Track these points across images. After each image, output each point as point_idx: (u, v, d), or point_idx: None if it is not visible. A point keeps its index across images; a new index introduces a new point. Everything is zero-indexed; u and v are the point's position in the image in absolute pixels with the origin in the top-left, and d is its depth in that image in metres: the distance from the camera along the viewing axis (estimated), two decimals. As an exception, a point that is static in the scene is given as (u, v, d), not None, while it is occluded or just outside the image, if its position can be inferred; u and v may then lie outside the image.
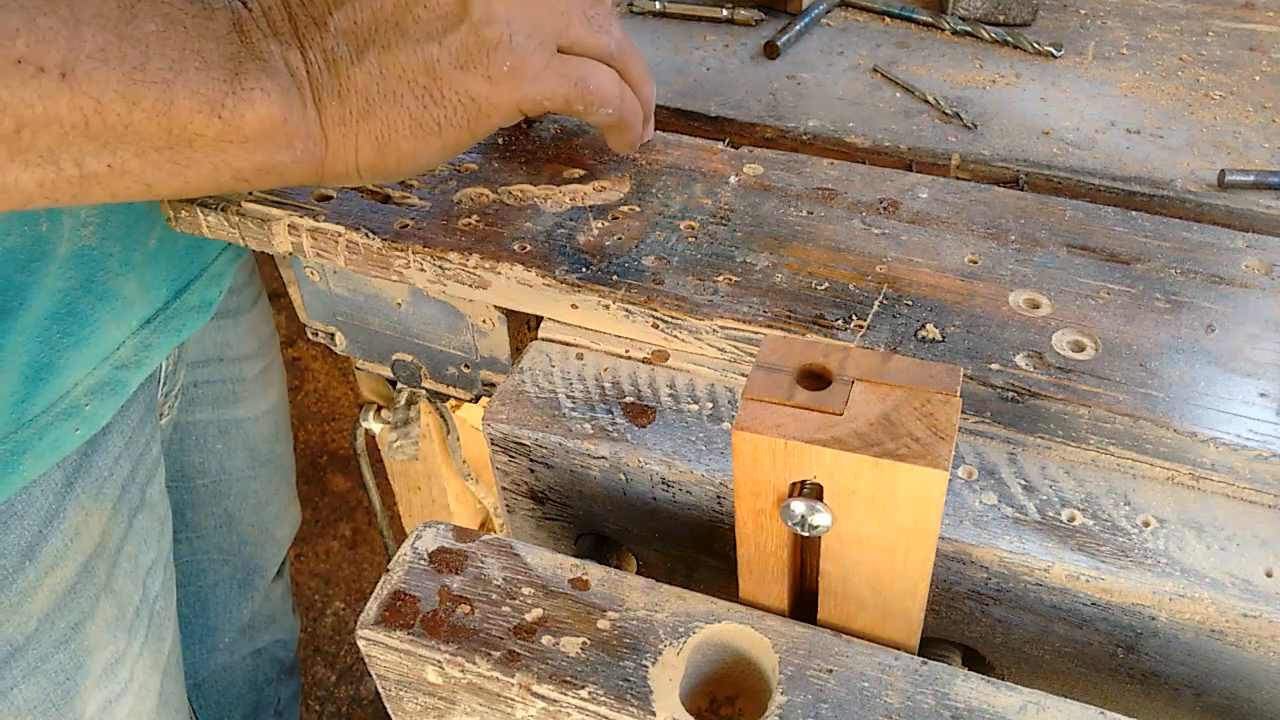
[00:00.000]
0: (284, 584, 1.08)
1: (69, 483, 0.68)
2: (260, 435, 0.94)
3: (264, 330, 0.92)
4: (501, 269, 0.61)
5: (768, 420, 0.40)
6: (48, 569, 0.67)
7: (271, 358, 0.94)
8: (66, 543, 0.68)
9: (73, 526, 0.69)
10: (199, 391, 0.86)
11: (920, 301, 0.57)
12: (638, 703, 0.42)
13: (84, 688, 0.72)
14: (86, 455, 0.70)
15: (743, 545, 0.45)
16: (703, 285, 0.59)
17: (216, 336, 0.86)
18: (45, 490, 0.67)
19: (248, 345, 0.89)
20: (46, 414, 0.65)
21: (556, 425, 0.55)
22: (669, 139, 0.71)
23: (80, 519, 0.69)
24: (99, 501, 0.71)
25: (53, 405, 0.65)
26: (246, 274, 0.88)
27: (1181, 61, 0.78)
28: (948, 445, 0.38)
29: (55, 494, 0.68)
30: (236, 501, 0.94)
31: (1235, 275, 0.58)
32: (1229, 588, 0.46)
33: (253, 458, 0.94)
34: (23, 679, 0.68)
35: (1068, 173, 0.67)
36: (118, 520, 0.73)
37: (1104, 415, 0.51)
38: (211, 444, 0.89)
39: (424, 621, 0.46)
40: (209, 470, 0.90)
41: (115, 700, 0.75)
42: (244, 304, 0.88)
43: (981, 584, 0.50)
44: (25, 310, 0.62)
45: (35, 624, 0.68)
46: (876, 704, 0.42)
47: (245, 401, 0.90)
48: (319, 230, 0.65)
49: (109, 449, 0.72)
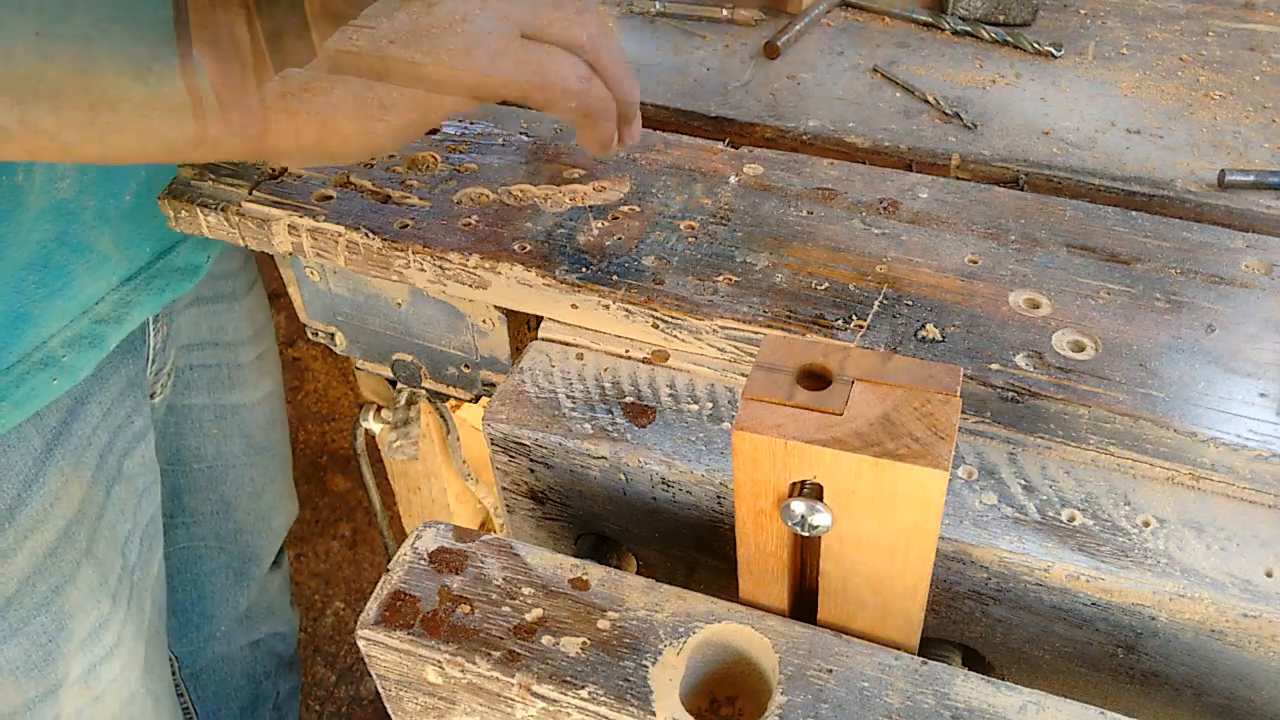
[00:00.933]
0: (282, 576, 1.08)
1: (48, 448, 0.68)
2: (256, 422, 0.94)
3: (259, 317, 0.92)
4: (501, 269, 0.61)
5: (768, 420, 0.40)
6: (27, 532, 0.68)
7: (267, 345, 0.94)
8: (46, 507, 0.69)
9: (52, 492, 0.69)
10: (194, 375, 0.86)
11: (920, 301, 0.57)
12: (638, 703, 0.42)
13: (67, 650, 0.72)
14: (65, 423, 0.70)
15: (743, 545, 0.45)
16: (703, 285, 0.59)
17: (211, 321, 0.86)
18: (24, 454, 0.67)
19: (243, 331, 0.89)
20: (23, 363, 0.65)
21: (556, 425, 0.55)
22: (669, 139, 0.71)
23: (59, 485, 0.69)
24: (78, 470, 0.71)
25: (29, 354, 0.65)
26: (240, 260, 0.88)
27: (1181, 61, 0.78)
28: (948, 445, 0.38)
29: (34, 458, 0.68)
30: (233, 488, 0.94)
31: (1235, 275, 0.58)
32: (1229, 588, 0.46)
33: (249, 444, 0.94)
34: (4, 640, 0.69)
35: (1068, 173, 0.67)
36: (96, 489, 0.73)
37: (1104, 415, 0.51)
38: (207, 429, 0.89)
39: (424, 621, 0.46)
40: (205, 455, 0.91)
41: (100, 664, 0.75)
42: (239, 289, 0.88)
43: (981, 584, 0.50)
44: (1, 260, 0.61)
45: (16, 585, 0.68)
46: (876, 704, 0.42)
47: (241, 387, 0.90)
48: (319, 230, 0.65)
49: (87, 418, 0.72)
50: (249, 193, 0.68)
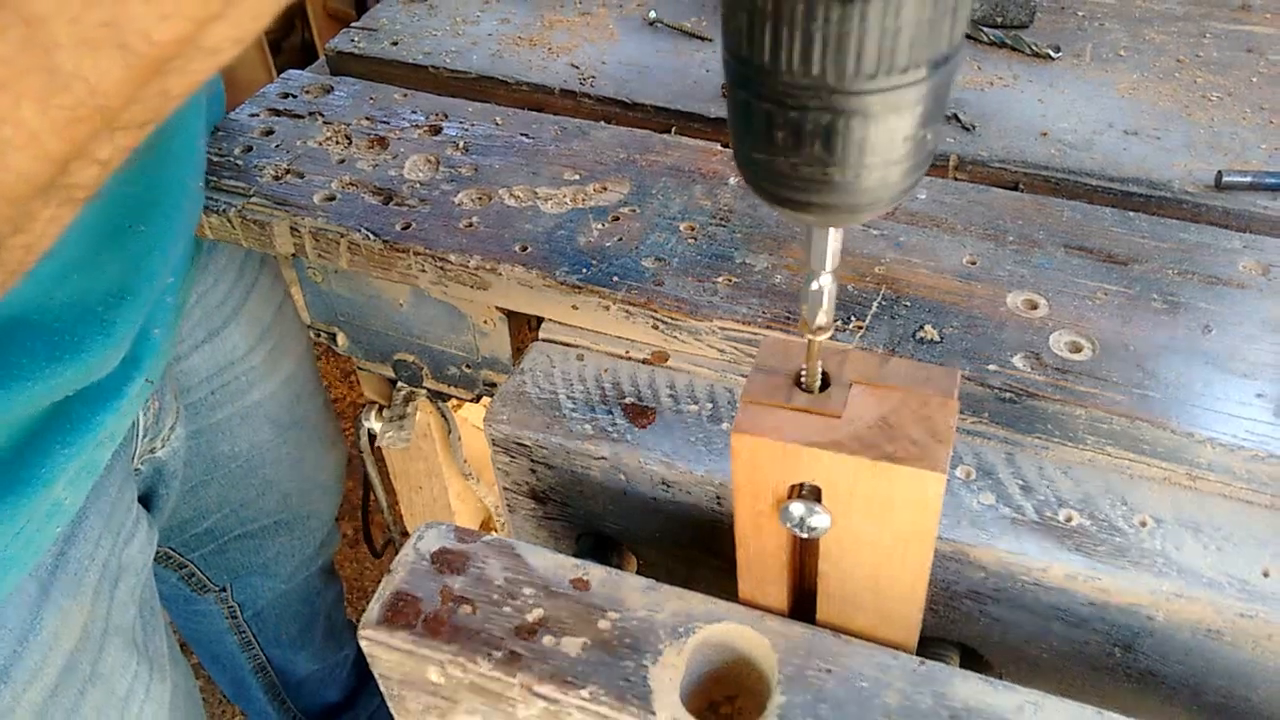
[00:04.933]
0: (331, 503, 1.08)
1: (44, 591, 0.62)
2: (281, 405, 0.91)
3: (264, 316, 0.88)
4: (502, 270, 0.61)
5: (767, 423, 0.40)
6: (25, 685, 0.61)
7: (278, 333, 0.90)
8: (44, 653, 0.62)
9: (51, 634, 0.62)
10: (215, 397, 0.85)
11: (918, 302, 0.57)
12: (638, 703, 0.43)
13: None
14: (62, 553, 0.64)
15: (742, 546, 0.46)
16: (702, 286, 0.59)
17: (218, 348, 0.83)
18: (19, 607, 0.61)
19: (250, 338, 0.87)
20: (32, 522, 0.59)
21: (557, 426, 0.56)
22: (669, 140, 0.71)
23: (58, 624, 0.63)
24: (78, 597, 0.65)
25: (38, 509, 0.59)
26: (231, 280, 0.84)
27: (1179, 63, 0.78)
28: (946, 448, 0.38)
29: (29, 607, 0.61)
30: (272, 468, 0.93)
31: (1232, 276, 0.58)
32: (1226, 587, 0.46)
33: (277, 427, 0.92)
34: None
35: (1065, 174, 0.67)
36: (99, 603, 0.67)
37: (1101, 416, 0.51)
38: (236, 431, 0.88)
39: (426, 622, 0.46)
40: (239, 454, 0.90)
41: None
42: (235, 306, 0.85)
43: (979, 584, 0.50)
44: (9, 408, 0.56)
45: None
46: (875, 704, 0.42)
47: (259, 385, 0.89)
48: (321, 231, 0.65)
49: (86, 537, 0.66)
50: (250, 195, 0.68)
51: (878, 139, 0.31)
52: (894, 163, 0.32)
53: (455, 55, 0.82)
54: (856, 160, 0.31)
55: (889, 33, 0.28)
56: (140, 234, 0.60)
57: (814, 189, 0.32)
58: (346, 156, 0.71)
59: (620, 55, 0.81)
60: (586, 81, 0.78)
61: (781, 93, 0.30)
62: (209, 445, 0.87)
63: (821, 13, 0.28)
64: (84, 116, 0.32)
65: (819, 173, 0.32)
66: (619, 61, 0.81)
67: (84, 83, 0.31)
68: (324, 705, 1.21)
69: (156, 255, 0.62)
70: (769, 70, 0.30)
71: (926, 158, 0.33)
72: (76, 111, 0.32)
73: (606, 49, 0.82)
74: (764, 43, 0.29)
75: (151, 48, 0.31)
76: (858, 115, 0.30)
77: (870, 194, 0.32)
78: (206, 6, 0.31)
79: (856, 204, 0.33)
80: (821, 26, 0.28)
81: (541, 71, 0.79)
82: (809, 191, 0.33)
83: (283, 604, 1.07)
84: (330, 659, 1.18)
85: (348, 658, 1.20)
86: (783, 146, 0.32)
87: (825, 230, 0.36)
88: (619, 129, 0.73)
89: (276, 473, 0.95)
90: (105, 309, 0.59)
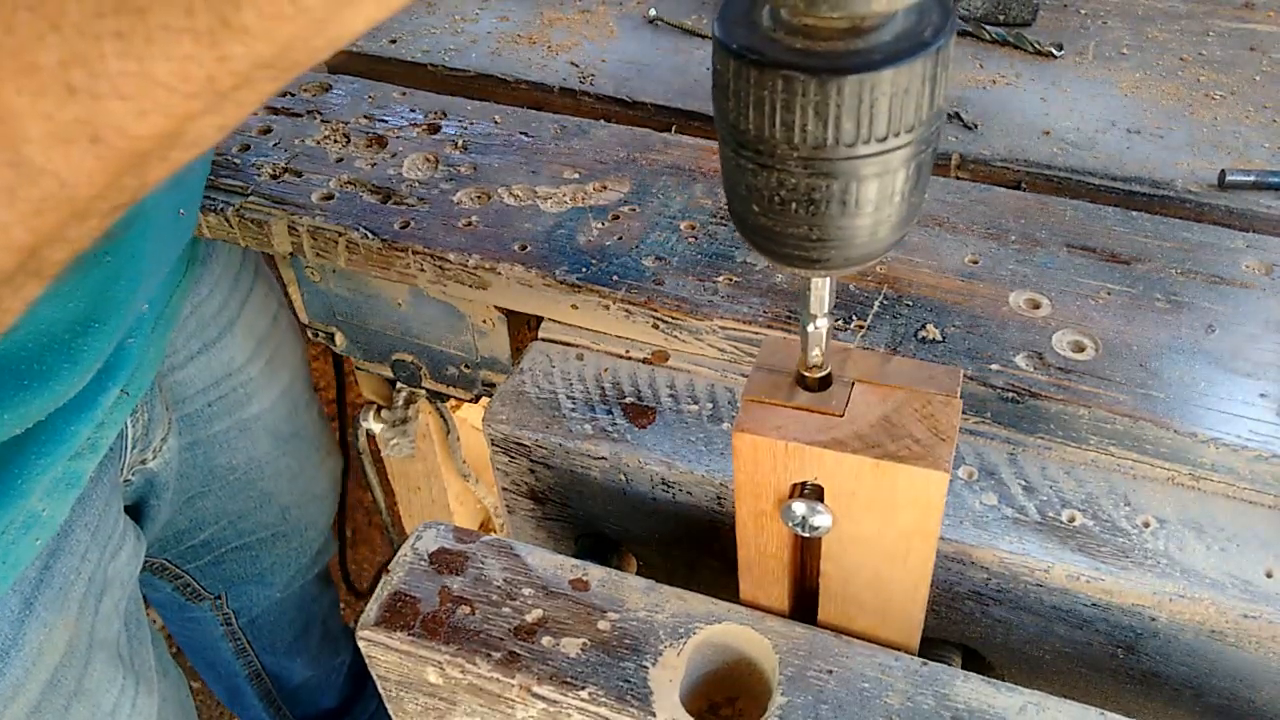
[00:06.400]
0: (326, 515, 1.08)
1: (27, 605, 0.61)
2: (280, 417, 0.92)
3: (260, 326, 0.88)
4: (501, 269, 0.61)
5: (768, 422, 0.40)
6: (7, 701, 0.61)
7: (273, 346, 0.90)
8: (27, 668, 0.61)
9: (34, 648, 0.61)
10: (213, 409, 0.85)
11: (920, 302, 0.57)
12: (638, 703, 0.42)
13: None
14: (47, 567, 0.63)
15: (743, 546, 0.45)
16: (703, 285, 0.59)
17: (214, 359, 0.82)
18: (1, 621, 0.60)
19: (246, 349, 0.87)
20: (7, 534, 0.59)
21: (557, 426, 0.55)
22: (669, 139, 0.71)
23: (42, 638, 0.62)
24: (63, 612, 0.63)
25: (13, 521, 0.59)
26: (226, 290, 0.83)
27: (1182, 61, 0.78)
28: (948, 447, 0.38)
29: (11, 622, 0.60)
30: (271, 480, 0.93)
31: (1235, 275, 0.58)
32: (1229, 588, 0.46)
33: (276, 439, 0.92)
34: None
35: (1068, 173, 0.67)
36: (84, 618, 0.66)
37: (1104, 416, 0.51)
38: (235, 443, 0.88)
39: (424, 622, 0.46)
40: (238, 466, 0.89)
41: None
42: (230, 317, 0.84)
43: (982, 584, 0.50)
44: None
45: None
46: (876, 705, 0.42)
47: (256, 397, 0.89)
48: (319, 230, 0.65)
49: (72, 551, 0.65)
50: (247, 193, 0.68)
51: (865, 199, 0.32)
52: (883, 220, 0.33)
53: (454, 53, 0.82)
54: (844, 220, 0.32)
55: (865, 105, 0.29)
56: (106, 263, 0.58)
57: (805, 246, 0.34)
58: (345, 155, 0.71)
59: (620, 53, 0.81)
60: (586, 80, 0.78)
61: (768, 157, 0.31)
62: (206, 457, 0.87)
63: (799, 89, 0.29)
64: (52, 208, 0.31)
65: (807, 231, 0.33)
66: (619, 59, 0.80)
67: (54, 177, 0.30)
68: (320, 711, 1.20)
69: (123, 283, 0.60)
70: (754, 136, 0.31)
71: (914, 210, 0.34)
72: (44, 204, 0.31)
73: (606, 47, 0.82)
74: (749, 114, 0.31)
75: (129, 143, 0.29)
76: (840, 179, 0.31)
77: (861, 249, 0.33)
78: (188, 104, 0.29)
79: (848, 258, 0.34)
80: (800, 101, 0.29)
81: (541, 70, 0.79)
82: (800, 248, 0.34)
83: (278, 611, 1.06)
84: (326, 665, 1.17)
85: (343, 664, 1.20)
86: (770, 207, 0.33)
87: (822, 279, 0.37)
88: (619, 127, 0.72)
89: (275, 485, 0.95)
90: (72, 337, 0.58)
